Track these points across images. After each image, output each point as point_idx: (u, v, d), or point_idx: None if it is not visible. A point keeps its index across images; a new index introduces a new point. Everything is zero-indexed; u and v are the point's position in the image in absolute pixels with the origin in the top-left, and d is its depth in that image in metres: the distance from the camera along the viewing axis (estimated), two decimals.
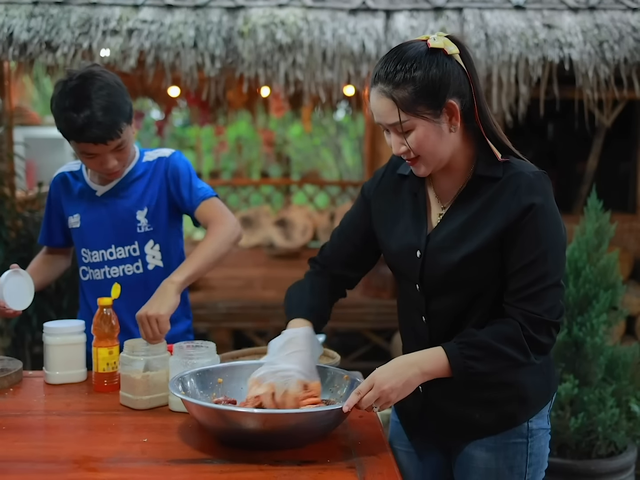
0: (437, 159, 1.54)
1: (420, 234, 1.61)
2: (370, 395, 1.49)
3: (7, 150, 4.56)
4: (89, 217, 2.14)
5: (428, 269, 1.59)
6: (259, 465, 1.42)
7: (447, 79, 1.49)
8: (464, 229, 1.56)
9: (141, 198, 2.11)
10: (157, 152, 2.18)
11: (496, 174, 1.55)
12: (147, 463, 1.44)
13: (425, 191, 1.66)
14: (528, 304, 1.51)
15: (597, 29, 4.00)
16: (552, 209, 1.53)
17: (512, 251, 1.52)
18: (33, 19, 4.03)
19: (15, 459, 1.46)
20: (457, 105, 1.50)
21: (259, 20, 4.05)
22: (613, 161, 5.41)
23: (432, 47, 1.50)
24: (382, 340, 5.22)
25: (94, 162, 2.01)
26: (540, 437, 1.66)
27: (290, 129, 11.34)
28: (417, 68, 1.48)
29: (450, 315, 1.60)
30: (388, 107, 1.50)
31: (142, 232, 2.11)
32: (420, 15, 4.11)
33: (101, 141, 1.94)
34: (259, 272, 6.42)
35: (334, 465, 1.44)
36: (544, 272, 1.51)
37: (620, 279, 3.07)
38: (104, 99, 1.93)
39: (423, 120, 1.50)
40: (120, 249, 2.12)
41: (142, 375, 1.73)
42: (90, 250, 2.14)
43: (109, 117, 1.93)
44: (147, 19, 4.05)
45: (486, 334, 1.52)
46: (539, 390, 1.66)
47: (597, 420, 2.94)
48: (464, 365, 1.51)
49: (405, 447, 1.79)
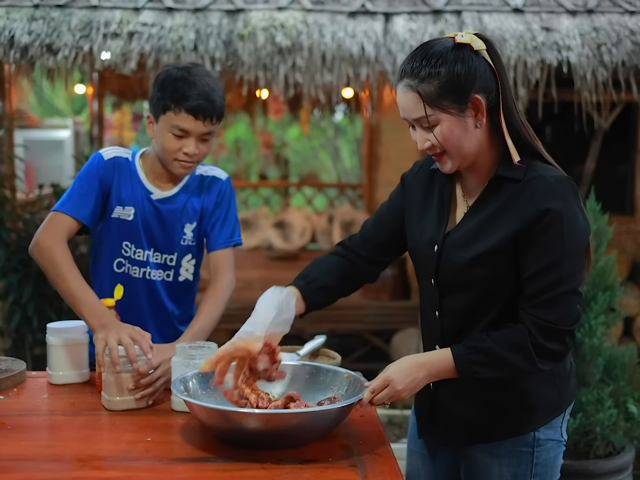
0: (463, 155, 1.54)
1: (441, 230, 1.62)
2: (384, 394, 1.51)
3: (7, 152, 4.57)
4: (144, 216, 2.09)
5: (442, 265, 1.60)
6: (261, 464, 1.43)
7: (472, 74, 1.49)
8: (479, 228, 1.56)
9: (193, 212, 2.12)
10: (213, 170, 2.18)
11: (517, 176, 1.54)
12: (151, 461, 1.44)
13: (453, 188, 1.66)
14: (541, 310, 1.50)
15: (595, 31, 4.03)
16: (572, 215, 1.50)
17: (527, 255, 1.51)
18: (34, 22, 4.04)
19: (20, 457, 1.46)
20: (483, 101, 1.50)
21: (259, 23, 4.07)
22: (610, 164, 5.43)
23: (458, 42, 1.50)
24: (381, 341, 5.23)
25: (178, 143, 1.98)
26: (549, 448, 1.63)
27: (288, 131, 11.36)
28: (443, 63, 1.48)
29: (462, 314, 1.61)
30: (414, 101, 1.51)
31: (185, 245, 2.12)
32: (419, 18, 4.13)
33: (203, 115, 1.95)
34: (257, 274, 6.42)
35: (335, 463, 1.45)
36: (558, 278, 1.49)
37: (619, 281, 3.09)
38: (212, 83, 2.00)
39: (448, 115, 1.49)
40: (158, 254, 2.11)
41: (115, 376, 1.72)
42: (135, 246, 2.10)
43: (217, 96, 1.98)
44: (148, 22, 4.07)
45: (494, 340, 1.52)
46: (549, 400, 1.63)
47: (595, 420, 2.95)
48: (470, 370, 1.52)
49: (419, 449, 1.80)
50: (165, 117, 1.98)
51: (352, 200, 8.48)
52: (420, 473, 1.81)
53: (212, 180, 2.15)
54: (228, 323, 4.97)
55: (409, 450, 1.85)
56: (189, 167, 2.03)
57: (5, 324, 4.38)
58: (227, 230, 2.14)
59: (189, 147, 1.98)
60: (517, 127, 1.54)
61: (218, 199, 2.14)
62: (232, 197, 2.17)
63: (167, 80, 1.98)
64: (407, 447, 1.86)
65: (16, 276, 4.29)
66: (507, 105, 1.53)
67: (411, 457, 1.84)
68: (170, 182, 2.11)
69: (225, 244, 2.14)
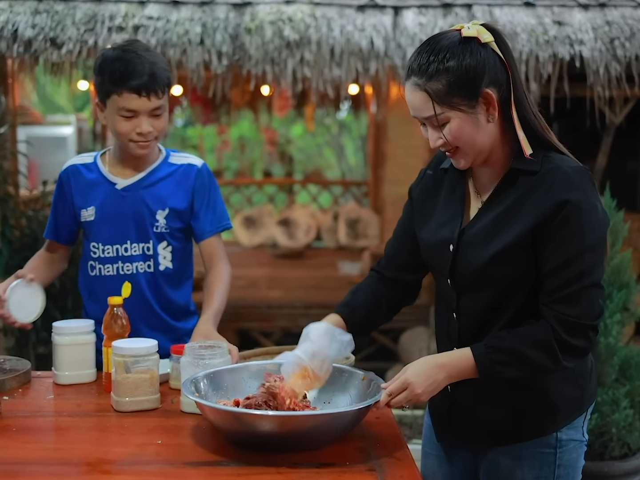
0: (476, 150, 1.51)
1: (455, 228, 1.58)
2: (402, 397, 1.47)
3: (10, 148, 4.53)
4: (107, 210, 2.08)
5: (459, 264, 1.56)
6: (276, 468, 1.39)
7: (482, 68, 1.45)
8: (496, 224, 1.52)
9: (164, 199, 2.09)
10: (186, 157, 2.17)
11: (533, 168, 1.50)
12: (162, 465, 1.41)
13: (465, 185, 1.62)
14: (563, 305, 1.46)
15: (608, 25, 3.98)
16: (591, 206, 1.46)
17: (546, 249, 1.47)
18: (38, 16, 4.00)
19: (27, 461, 1.42)
20: (494, 95, 1.47)
21: (266, 16, 4.03)
22: (621, 160, 5.38)
23: (465, 36, 1.47)
24: (388, 340, 5.20)
25: (129, 124, 1.98)
26: (571, 448, 1.60)
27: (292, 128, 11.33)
28: (451, 58, 1.45)
29: (480, 314, 1.57)
30: (422, 100, 1.48)
31: (158, 232, 2.09)
32: (429, 11, 4.09)
33: (146, 91, 1.94)
34: (262, 272, 6.40)
35: (353, 467, 1.41)
36: (579, 271, 1.45)
37: (634, 278, 3.04)
38: (151, 57, 1.98)
39: (458, 112, 1.46)
40: (135, 245, 2.08)
41: (122, 377, 1.69)
42: (103, 244, 2.09)
43: (155, 70, 1.96)
44: (153, 16, 4.02)
45: (516, 338, 1.48)
46: (571, 400, 1.59)
47: (610, 421, 2.91)
48: (492, 370, 1.48)
49: (435, 451, 1.76)
50: (110, 101, 1.98)
51: (357, 197, 8.46)
52: (437, 476, 1.76)
53: (187, 168, 2.12)
54: (234, 322, 4.99)
55: (424, 452, 1.81)
56: (146, 145, 2.02)
57: None
58: (212, 216, 2.12)
59: (142, 126, 1.98)
60: (529, 120, 1.51)
61: (196, 186, 2.11)
62: (211, 183, 2.15)
63: (105, 63, 1.98)
64: (422, 449, 1.82)
65: None
66: (518, 97, 1.49)
67: (426, 460, 1.80)
68: (137, 169, 2.09)
69: (214, 231, 2.13)
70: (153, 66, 1.96)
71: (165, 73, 2.00)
